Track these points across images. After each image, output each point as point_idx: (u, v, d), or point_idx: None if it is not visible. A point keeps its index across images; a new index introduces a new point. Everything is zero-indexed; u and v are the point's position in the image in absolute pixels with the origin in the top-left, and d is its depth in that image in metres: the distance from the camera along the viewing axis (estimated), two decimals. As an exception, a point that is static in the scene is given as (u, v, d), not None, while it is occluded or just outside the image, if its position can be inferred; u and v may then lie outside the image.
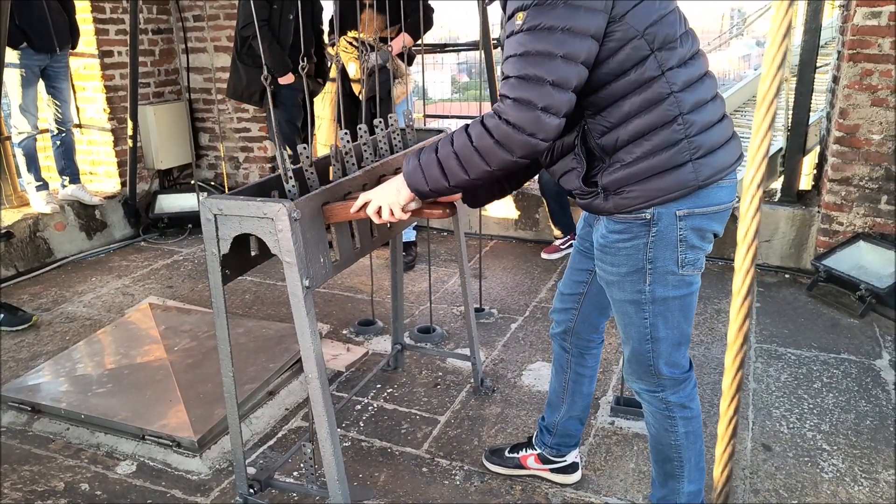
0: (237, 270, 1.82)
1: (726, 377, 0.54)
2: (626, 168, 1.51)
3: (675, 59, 1.46)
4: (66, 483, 2.25)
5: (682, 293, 1.61)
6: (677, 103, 1.46)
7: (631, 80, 1.45)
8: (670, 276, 1.58)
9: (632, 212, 1.54)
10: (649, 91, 1.45)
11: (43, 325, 3.38)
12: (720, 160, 1.52)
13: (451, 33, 7.87)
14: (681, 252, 1.56)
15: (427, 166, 1.54)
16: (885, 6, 3.30)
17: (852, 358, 2.94)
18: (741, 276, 0.50)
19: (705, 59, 1.57)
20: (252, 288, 3.82)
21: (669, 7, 1.48)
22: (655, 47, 1.44)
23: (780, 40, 0.45)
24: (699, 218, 1.54)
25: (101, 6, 4.54)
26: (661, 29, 1.45)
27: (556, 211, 4.10)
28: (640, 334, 1.67)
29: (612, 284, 1.67)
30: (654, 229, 1.54)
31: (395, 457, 2.35)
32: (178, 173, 5.26)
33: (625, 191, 1.53)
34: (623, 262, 1.60)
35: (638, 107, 1.47)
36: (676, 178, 1.49)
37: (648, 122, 1.47)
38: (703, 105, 1.50)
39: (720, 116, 1.55)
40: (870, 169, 3.51)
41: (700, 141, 1.49)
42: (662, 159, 1.48)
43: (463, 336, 3.20)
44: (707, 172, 1.50)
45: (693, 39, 1.54)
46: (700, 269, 1.62)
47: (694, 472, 1.80)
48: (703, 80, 1.52)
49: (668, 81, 1.45)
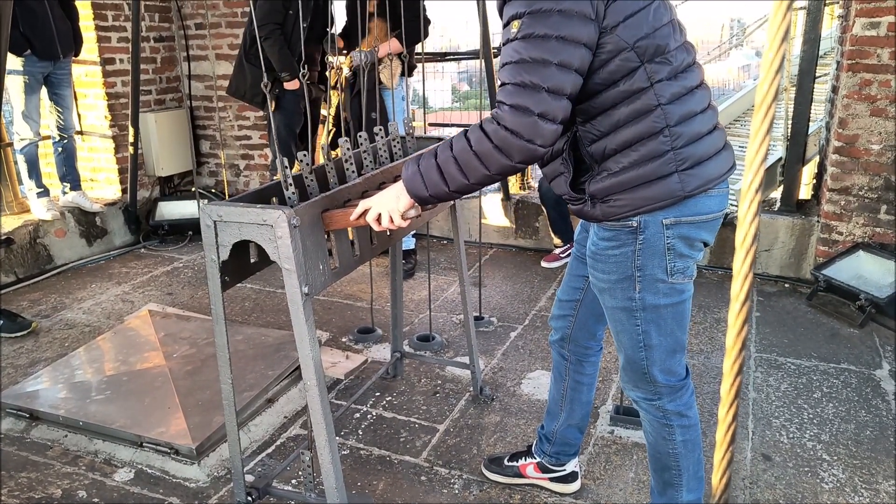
0: (236, 277, 1.82)
1: (725, 382, 0.54)
2: (614, 177, 1.53)
3: (665, 71, 1.48)
4: (63, 490, 2.24)
5: (673, 301, 1.61)
6: (664, 115, 1.48)
7: (621, 90, 1.47)
8: (660, 283, 1.59)
9: (619, 219, 1.56)
10: (638, 102, 1.47)
11: (42, 332, 3.38)
12: (709, 171, 1.53)
13: (451, 42, 7.90)
14: (669, 260, 1.57)
15: (426, 171, 1.54)
16: (884, 17, 3.31)
17: (852, 368, 2.94)
18: (739, 281, 0.50)
19: (700, 71, 1.58)
20: (251, 295, 3.81)
21: (663, 20, 1.49)
22: (646, 59, 1.46)
23: (778, 45, 0.45)
24: (686, 227, 1.55)
25: (104, 14, 4.56)
26: (652, 42, 1.46)
27: (556, 219, 4.10)
28: (633, 342, 1.67)
29: (603, 292, 1.68)
30: (641, 237, 1.56)
31: (394, 465, 2.35)
32: (179, 180, 5.27)
33: (611, 199, 1.54)
34: (613, 270, 1.62)
35: (626, 117, 1.49)
36: (662, 188, 1.51)
37: (636, 132, 1.49)
38: (692, 117, 1.51)
39: (711, 128, 1.55)
40: (869, 179, 3.52)
41: (687, 153, 1.50)
42: (648, 170, 1.50)
43: (462, 344, 3.19)
44: (695, 183, 1.51)
45: (688, 52, 1.54)
46: (690, 276, 1.62)
47: (693, 481, 1.80)
48: (695, 92, 1.53)
49: (657, 94, 1.47)
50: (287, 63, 3.85)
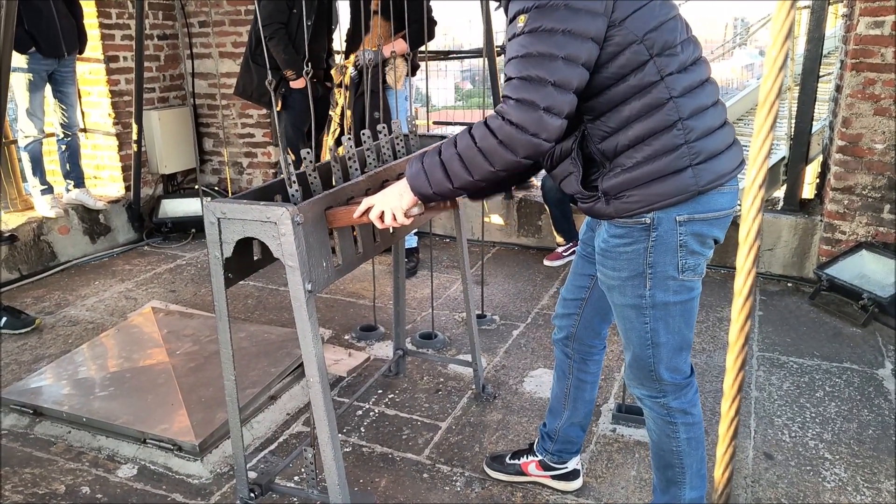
0: (240, 274, 1.82)
1: (727, 377, 0.55)
2: (627, 172, 1.52)
3: (674, 64, 1.47)
4: (66, 486, 2.25)
5: (682, 298, 1.61)
6: (677, 108, 1.47)
7: (631, 84, 1.47)
8: (671, 280, 1.58)
9: (632, 216, 1.55)
10: (649, 96, 1.46)
11: (46, 329, 3.39)
12: (721, 166, 1.52)
13: (454, 41, 7.90)
14: (681, 257, 1.56)
15: (430, 169, 1.54)
16: (888, 16, 3.31)
17: (855, 367, 2.93)
18: (742, 277, 0.50)
19: (707, 65, 1.58)
20: (254, 293, 3.82)
21: (670, 14, 1.49)
22: (655, 53, 1.45)
23: (782, 42, 0.46)
24: (699, 223, 1.55)
25: (108, 11, 4.57)
26: (660, 35, 1.46)
27: (559, 218, 4.10)
28: (641, 339, 1.67)
29: (613, 289, 1.67)
30: (654, 234, 1.55)
31: (396, 462, 2.35)
32: (182, 178, 5.27)
33: (625, 195, 1.53)
34: (623, 267, 1.61)
35: (638, 111, 1.48)
36: (676, 183, 1.50)
37: (648, 126, 1.48)
38: (704, 111, 1.51)
39: (721, 122, 1.55)
40: (872, 178, 3.51)
41: (700, 146, 1.50)
42: (662, 164, 1.49)
43: (464, 342, 3.20)
44: (708, 178, 1.51)
45: (695, 46, 1.55)
46: (701, 274, 1.62)
47: (696, 479, 1.80)
48: (704, 86, 1.53)
49: (668, 86, 1.46)
50: (293, 62, 3.85)
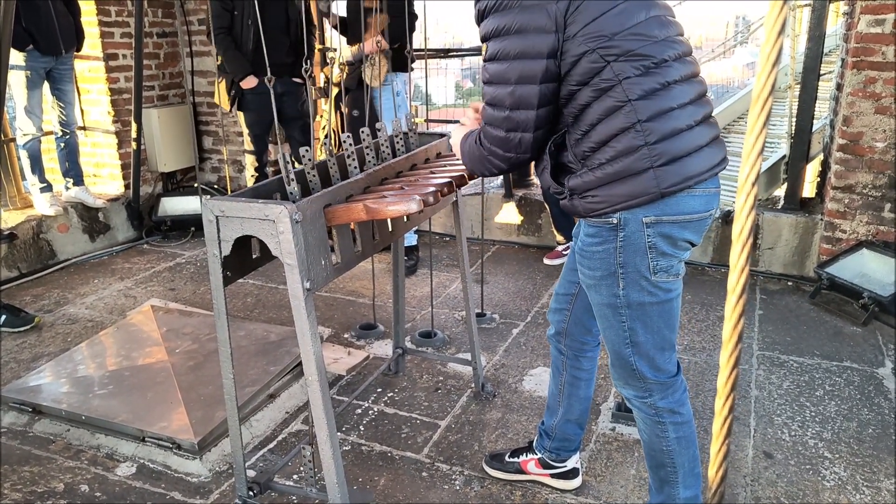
0: (238, 272, 1.82)
1: (721, 375, 0.54)
2: (591, 172, 1.55)
3: (635, 68, 1.47)
4: (65, 484, 2.25)
5: (658, 299, 1.62)
6: (634, 111, 1.48)
7: (593, 88, 1.50)
8: (643, 281, 1.60)
9: (600, 216, 1.58)
10: (608, 99, 1.49)
11: (45, 327, 3.39)
12: (688, 168, 1.51)
13: (455, 38, 7.87)
14: (651, 259, 1.57)
15: (464, 152, 1.75)
16: (889, 14, 3.30)
17: (855, 366, 2.93)
18: (736, 274, 0.50)
19: (688, 65, 1.56)
20: (253, 291, 3.82)
21: (635, 19, 1.48)
22: (611, 59, 1.47)
23: (775, 38, 0.45)
24: (668, 226, 1.55)
25: (107, 9, 4.56)
26: (618, 42, 1.47)
27: (559, 216, 4.10)
28: (620, 338, 1.68)
29: (590, 288, 1.70)
30: (622, 234, 1.57)
31: (395, 461, 2.35)
32: (182, 176, 5.27)
33: (589, 195, 1.57)
34: (597, 266, 1.64)
35: (599, 114, 1.51)
36: (637, 185, 1.51)
37: (609, 128, 1.51)
38: (667, 113, 1.49)
39: (692, 123, 1.53)
40: (873, 177, 3.51)
41: (662, 148, 1.49)
42: (622, 165, 1.51)
43: (464, 341, 3.20)
44: (671, 180, 1.50)
45: (671, 46, 1.52)
46: (676, 275, 1.62)
47: (689, 478, 1.80)
48: (672, 87, 1.51)
49: (625, 90, 1.48)
50: (237, 64, 3.93)
